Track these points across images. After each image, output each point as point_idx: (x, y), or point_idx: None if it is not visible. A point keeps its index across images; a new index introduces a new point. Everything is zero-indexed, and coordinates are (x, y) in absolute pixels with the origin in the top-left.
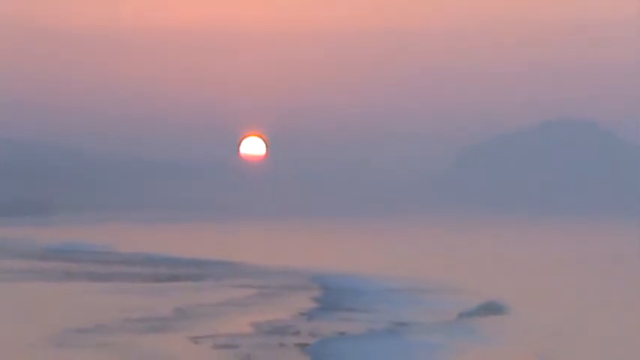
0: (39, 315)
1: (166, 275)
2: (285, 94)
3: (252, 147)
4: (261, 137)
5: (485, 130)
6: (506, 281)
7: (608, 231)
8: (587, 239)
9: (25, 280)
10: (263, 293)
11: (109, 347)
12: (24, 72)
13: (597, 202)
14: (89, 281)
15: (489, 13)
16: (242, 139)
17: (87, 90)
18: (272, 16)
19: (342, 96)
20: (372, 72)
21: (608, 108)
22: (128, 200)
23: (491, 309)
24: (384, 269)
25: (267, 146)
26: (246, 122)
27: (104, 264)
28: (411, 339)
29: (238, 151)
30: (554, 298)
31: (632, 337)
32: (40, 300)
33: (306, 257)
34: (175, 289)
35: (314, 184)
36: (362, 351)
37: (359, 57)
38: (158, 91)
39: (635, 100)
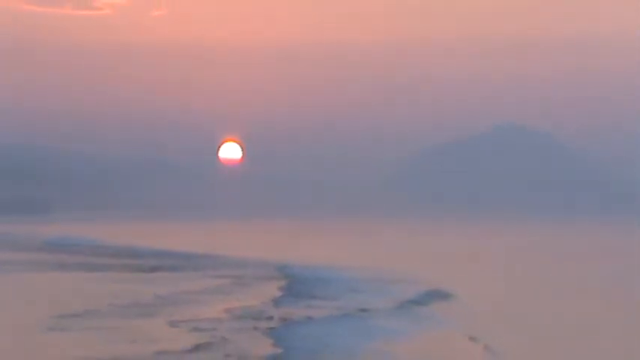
0: (36, 302)
1: (150, 266)
2: (258, 105)
3: (230, 152)
4: (237, 143)
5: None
6: (453, 271)
7: (548, 227)
8: (526, 235)
9: (24, 270)
10: (237, 282)
11: (97, 330)
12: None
13: (538, 202)
14: (82, 271)
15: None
16: (221, 145)
17: (81, 99)
18: (250, 35)
19: (308, 107)
20: (336, 84)
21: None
22: (117, 199)
23: (438, 296)
24: (346, 261)
25: (243, 151)
26: (224, 130)
27: (95, 256)
28: (367, 323)
29: (217, 155)
30: (495, 286)
31: (563, 318)
32: (37, 288)
33: (277, 251)
34: (158, 278)
35: (284, 185)
36: (321, 333)
37: (323, 70)
38: (147, 101)
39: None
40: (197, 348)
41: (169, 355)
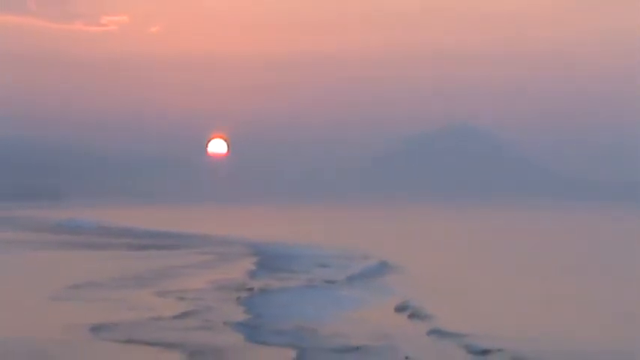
0: (46, 276)
1: (145, 245)
2: (242, 106)
3: (217, 147)
4: (224, 139)
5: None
6: (406, 248)
7: (493, 214)
8: (472, 220)
9: (37, 249)
10: (219, 259)
11: (97, 300)
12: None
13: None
14: (86, 250)
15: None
16: (209, 141)
17: (90, 101)
18: (234, 46)
19: (287, 108)
20: (311, 89)
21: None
22: (119, 187)
23: (390, 269)
24: (315, 241)
25: (228, 146)
26: (212, 127)
27: (98, 236)
28: (324, 291)
29: (206, 150)
30: (440, 260)
31: (496, 289)
32: (47, 264)
33: (255, 232)
34: (151, 255)
35: (264, 177)
36: (289, 302)
37: (300, 77)
38: (146, 103)
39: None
40: (184, 315)
41: (161, 320)
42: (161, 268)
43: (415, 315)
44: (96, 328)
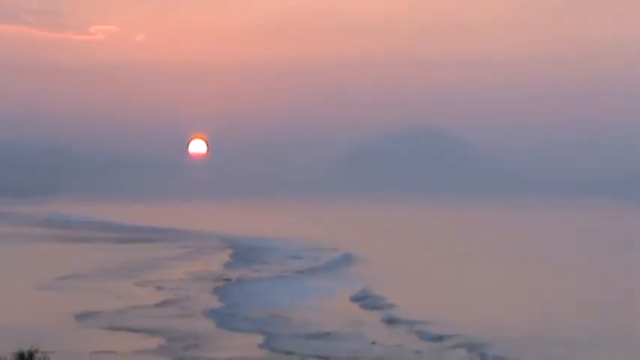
0: (35, 267)
1: (129, 238)
2: (222, 109)
3: (197, 147)
4: (204, 140)
5: (367, 133)
6: (370, 242)
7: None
8: (432, 216)
9: (27, 241)
10: (198, 251)
11: (81, 290)
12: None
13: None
14: (73, 243)
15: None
16: (190, 141)
17: (79, 105)
18: (213, 54)
19: (263, 111)
20: (284, 94)
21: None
22: (106, 185)
23: (347, 259)
24: (287, 234)
25: (208, 147)
26: (193, 128)
27: (84, 230)
28: (295, 281)
29: (187, 150)
30: (402, 253)
31: (451, 279)
32: (36, 256)
33: (233, 227)
34: (135, 248)
35: (243, 175)
36: (261, 290)
37: (274, 83)
38: (131, 107)
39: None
40: (164, 303)
41: (142, 309)
42: (143, 260)
43: (374, 303)
44: (81, 316)
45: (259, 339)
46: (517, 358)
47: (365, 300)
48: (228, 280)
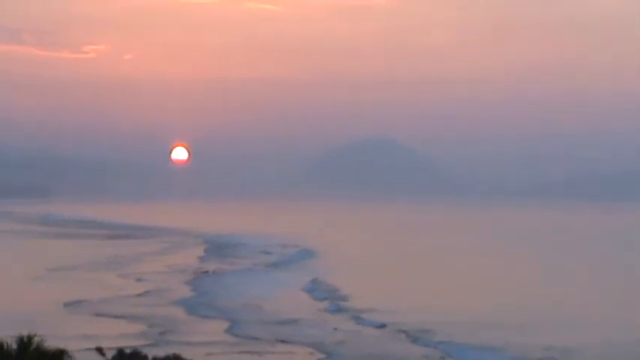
0: (31, 260)
1: (115, 235)
2: (201, 119)
3: (180, 154)
4: (185, 147)
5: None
6: (332, 238)
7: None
8: (386, 216)
9: (25, 238)
10: (176, 247)
11: (70, 281)
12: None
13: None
14: (64, 239)
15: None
16: (172, 148)
17: (74, 116)
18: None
19: (240, 122)
20: (258, 107)
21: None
22: (95, 188)
23: (309, 254)
24: (259, 231)
25: (189, 153)
26: (175, 137)
27: (76, 228)
28: (263, 273)
29: (170, 156)
30: (360, 249)
31: (400, 272)
32: (33, 250)
33: (209, 225)
34: (120, 244)
35: (221, 179)
36: (228, 281)
37: (250, 97)
38: (120, 118)
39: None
40: (145, 293)
41: (125, 298)
42: (127, 255)
43: (328, 294)
44: (70, 304)
45: (225, 325)
46: (455, 341)
47: (319, 291)
48: (206, 272)
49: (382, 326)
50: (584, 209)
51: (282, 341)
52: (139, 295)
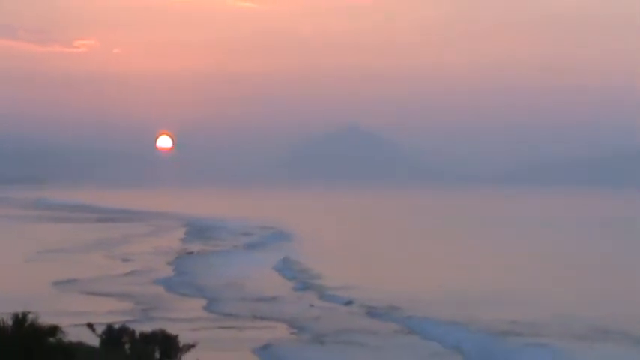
0: (25, 242)
1: (104, 218)
2: (185, 110)
3: (164, 142)
4: (169, 136)
5: (309, 132)
6: (308, 222)
7: (376, 197)
8: (361, 202)
9: (20, 222)
10: (160, 229)
11: (61, 261)
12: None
13: (370, 180)
14: (56, 222)
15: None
16: (158, 137)
17: (66, 107)
18: (178, 65)
19: (221, 113)
20: (238, 99)
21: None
22: (85, 175)
23: (285, 236)
24: (239, 215)
25: (173, 142)
26: (160, 127)
27: (67, 212)
28: (234, 253)
29: (155, 144)
30: (334, 232)
31: (371, 253)
32: (27, 233)
33: (192, 209)
34: (108, 227)
35: (203, 166)
36: (209, 261)
37: (230, 90)
38: (109, 109)
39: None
40: (131, 272)
41: (113, 277)
42: (115, 237)
43: (301, 273)
44: (61, 283)
45: (203, 302)
46: (421, 316)
47: (290, 270)
48: (191, 252)
49: (350, 303)
50: (545, 194)
51: (258, 317)
52: (125, 274)
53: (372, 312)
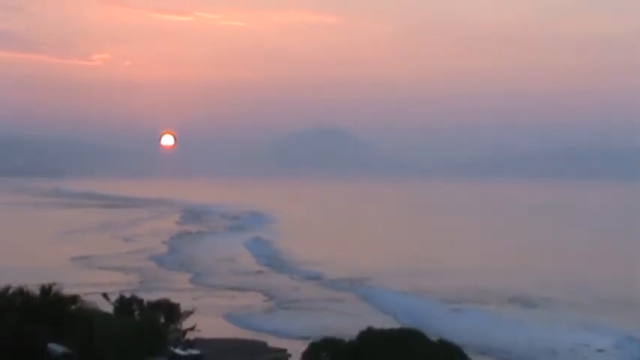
0: (45, 226)
1: (113, 205)
2: (187, 113)
3: (167, 140)
4: (172, 134)
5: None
6: (288, 208)
7: (347, 187)
8: (333, 191)
9: (40, 208)
10: (159, 214)
11: (77, 241)
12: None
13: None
14: (73, 208)
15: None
16: (161, 135)
17: (81, 111)
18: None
19: (219, 115)
20: (234, 104)
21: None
22: (99, 168)
23: (261, 217)
24: (230, 201)
25: (175, 140)
26: (164, 127)
27: (82, 199)
28: (219, 234)
29: (159, 142)
30: (310, 217)
31: (338, 234)
32: (47, 218)
33: (189, 197)
34: (116, 212)
35: (202, 162)
36: (198, 240)
37: (227, 97)
38: (119, 113)
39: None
40: (134, 251)
41: (120, 254)
42: (120, 220)
43: (273, 251)
44: (78, 259)
45: (190, 276)
46: (379, 286)
47: (263, 247)
48: (190, 233)
49: (316, 277)
50: (502, 183)
51: (235, 288)
52: (128, 252)
53: (335, 284)
